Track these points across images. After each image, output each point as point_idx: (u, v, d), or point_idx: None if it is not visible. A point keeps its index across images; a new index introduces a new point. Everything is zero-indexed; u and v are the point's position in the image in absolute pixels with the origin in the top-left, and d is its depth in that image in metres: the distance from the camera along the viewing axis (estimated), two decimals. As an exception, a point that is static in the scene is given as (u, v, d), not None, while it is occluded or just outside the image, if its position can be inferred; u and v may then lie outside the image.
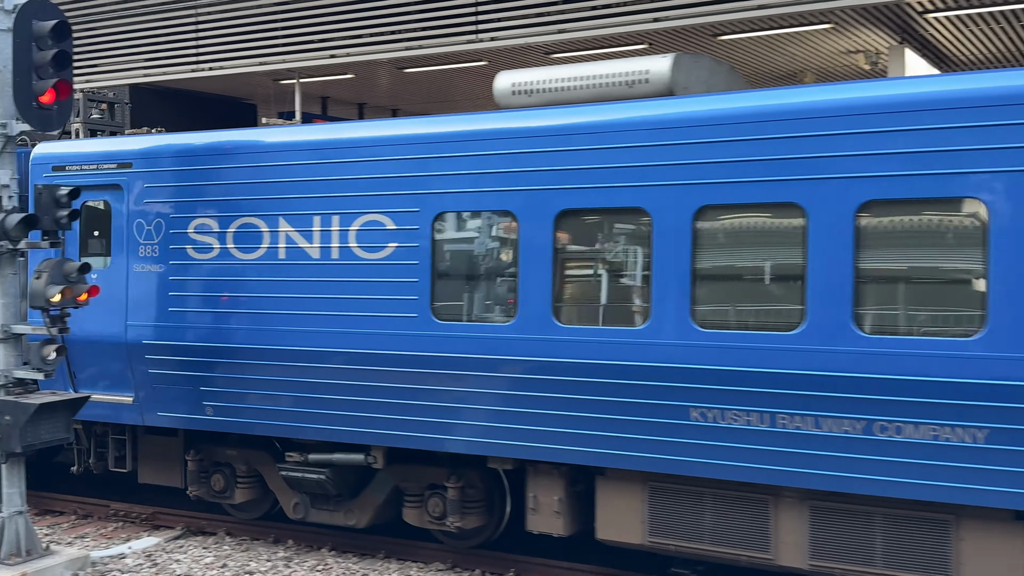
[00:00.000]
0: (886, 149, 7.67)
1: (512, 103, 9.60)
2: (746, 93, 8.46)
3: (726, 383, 8.04)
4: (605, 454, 8.56)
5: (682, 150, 8.36)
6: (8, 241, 9.66)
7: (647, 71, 9.00)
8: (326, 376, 9.76)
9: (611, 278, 8.77)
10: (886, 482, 7.56)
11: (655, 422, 8.33)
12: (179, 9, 18.29)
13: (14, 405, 9.54)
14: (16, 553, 9.76)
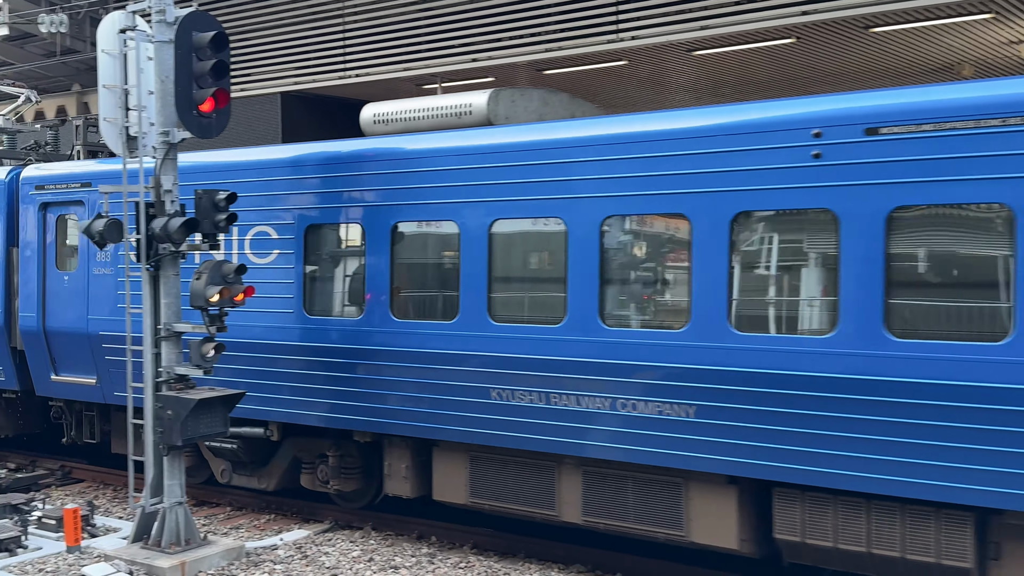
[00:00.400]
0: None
1: (374, 131, 11.22)
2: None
3: (512, 368, 9.58)
4: (436, 428, 10.20)
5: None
6: (171, 243, 10.13)
7: (470, 104, 10.59)
8: (233, 362, 11.48)
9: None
10: (634, 451, 9.02)
11: (467, 401, 9.94)
12: (327, 18, 18.85)
13: (175, 400, 10.00)
14: (176, 542, 10.22)
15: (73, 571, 9.99)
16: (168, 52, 10.06)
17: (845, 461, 7.91)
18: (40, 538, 11.10)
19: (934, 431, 7.57)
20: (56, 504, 12.55)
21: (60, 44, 24.35)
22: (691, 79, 18.81)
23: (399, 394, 10.40)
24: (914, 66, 17.22)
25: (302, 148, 11.46)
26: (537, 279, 9.83)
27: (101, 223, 10.40)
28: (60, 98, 28.27)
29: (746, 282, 8.43)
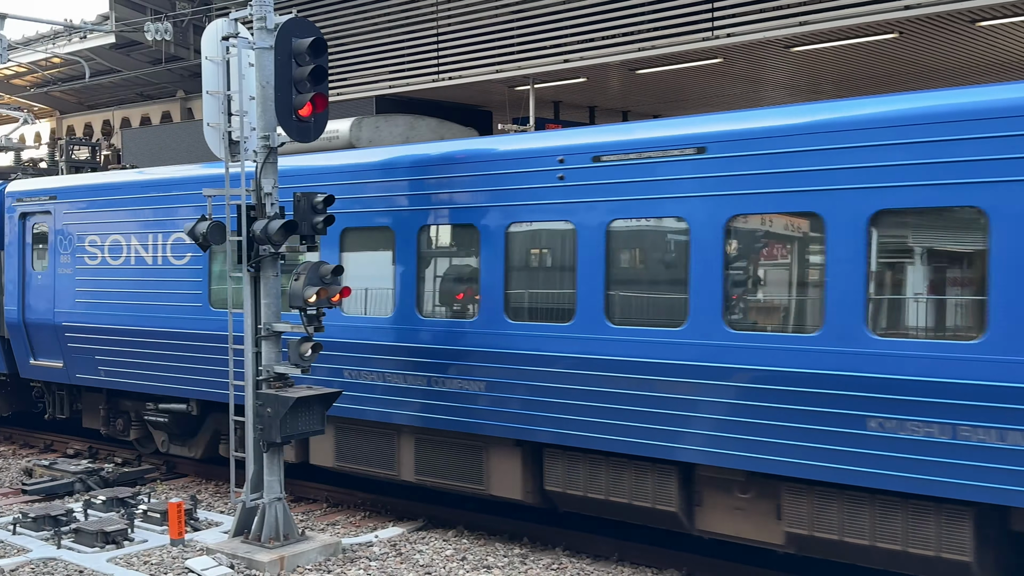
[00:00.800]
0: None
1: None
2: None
3: (359, 351, 11.39)
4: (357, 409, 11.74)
5: None
6: (270, 245, 10.36)
7: (336, 131, 12.25)
8: (165, 348, 13.42)
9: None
10: (447, 419, 10.80)
11: (325, 380, 11.61)
12: (421, 22, 19.06)
13: (275, 398, 10.23)
14: (275, 537, 10.45)
15: (177, 564, 10.30)
16: (268, 58, 10.30)
17: (588, 425, 9.75)
18: (145, 531, 11.47)
19: (651, 400, 9.33)
20: (161, 498, 12.96)
21: (165, 52, 25.16)
22: (788, 76, 18.47)
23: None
24: (1023, 61, 16.59)
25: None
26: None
27: (204, 225, 10.68)
28: (165, 104, 29.19)
29: (517, 279, 10.37)
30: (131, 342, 13.84)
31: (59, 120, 33.10)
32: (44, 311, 15.23)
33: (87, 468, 13.79)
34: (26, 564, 10.26)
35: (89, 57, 25.33)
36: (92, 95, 30.88)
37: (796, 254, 8.84)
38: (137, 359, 13.81)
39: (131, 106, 30.45)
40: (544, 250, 10.37)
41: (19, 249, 15.83)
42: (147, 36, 22.39)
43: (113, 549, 10.77)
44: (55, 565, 10.26)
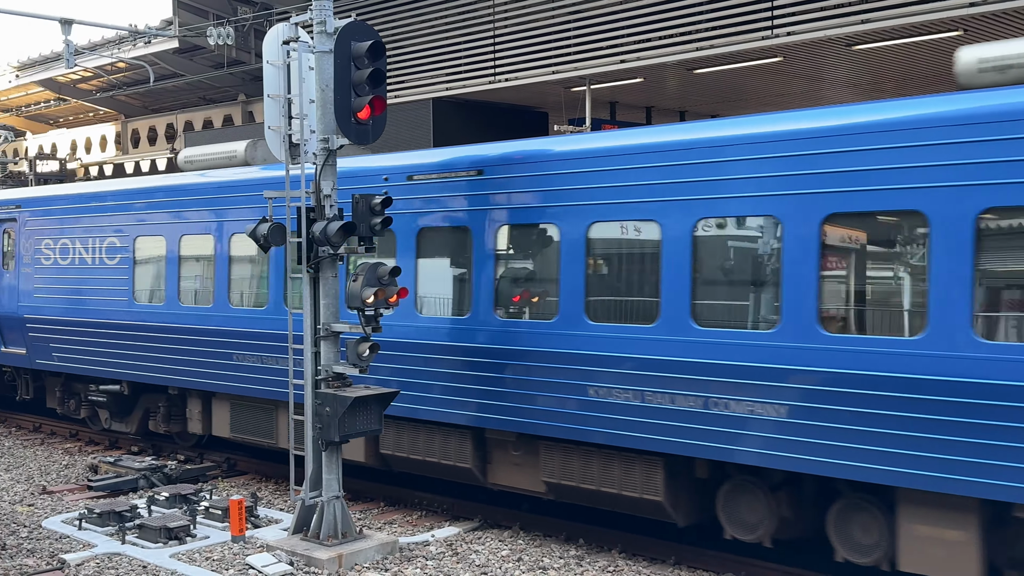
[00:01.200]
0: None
1: (186, 169, 15.27)
2: None
3: (194, 335, 14.17)
4: (205, 382, 14.10)
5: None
6: (329, 246, 10.48)
7: (234, 151, 14.51)
8: (101, 336, 15.78)
9: None
10: (256, 388, 13.36)
11: (213, 361, 13.83)
12: (478, 24, 19.14)
13: (333, 397, 10.35)
14: (333, 535, 10.57)
15: (237, 560, 10.47)
16: (328, 62, 10.42)
17: (412, 399, 11.59)
18: (207, 527, 11.68)
19: (446, 375, 11.34)
20: (222, 495, 13.18)
21: (227, 56, 25.57)
22: (850, 75, 18.20)
23: (194, 359, 14.30)
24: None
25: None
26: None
27: (265, 227, 10.85)
28: (226, 108, 29.65)
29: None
30: (76, 331, 16.26)
31: (124, 124, 33.80)
32: (11, 305, 17.73)
33: (151, 465, 14.07)
34: (91, 559, 10.51)
35: (153, 62, 25.84)
36: (156, 99, 31.48)
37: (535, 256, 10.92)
38: (81, 346, 16.17)
39: (194, 110, 30.99)
40: None
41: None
42: (209, 41, 22.76)
43: (176, 545, 10.98)
44: (119, 560, 10.49)
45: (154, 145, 32.37)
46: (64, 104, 33.70)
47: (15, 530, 11.59)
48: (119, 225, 15.61)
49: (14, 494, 13.45)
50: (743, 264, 9.30)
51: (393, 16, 20.71)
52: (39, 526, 11.79)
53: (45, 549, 10.84)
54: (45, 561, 10.42)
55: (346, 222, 10.41)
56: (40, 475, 14.70)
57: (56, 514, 12.40)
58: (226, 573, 10.06)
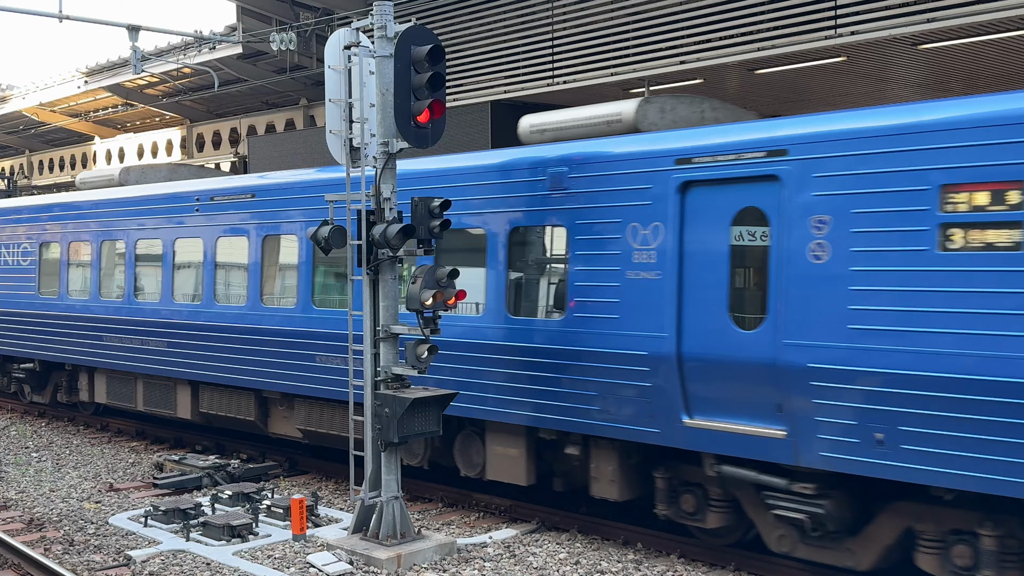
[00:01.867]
0: None
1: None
2: None
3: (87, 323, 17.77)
4: (96, 360, 17.68)
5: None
6: (389, 249, 10.57)
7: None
8: (19, 322, 19.54)
9: None
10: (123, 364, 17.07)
11: (104, 344, 17.29)
12: (536, 26, 19.15)
13: (392, 399, 10.43)
14: (392, 535, 10.65)
15: (299, 558, 10.60)
16: (388, 66, 10.51)
17: (219, 368, 15.10)
18: (269, 525, 11.85)
19: (234, 348, 14.89)
20: (283, 494, 13.36)
21: (289, 61, 25.92)
22: (916, 74, 17.86)
23: (84, 342, 18.12)
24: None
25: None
26: None
27: (326, 230, 10.97)
28: (288, 112, 30.06)
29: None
30: (4, 320, 20.02)
31: (189, 128, 34.45)
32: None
33: (214, 463, 14.31)
34: (157, 556, 10.72)
35: (217, 67, 26.29)
36: (220, 104, 32.03)
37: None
38: (8, 332, 19.93)
39: (257, 114, 31.47)
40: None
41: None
42: (272, 46, 23.11)
43: (238, 543, 11.16)
44: (183, 557, 10.69)
45: (218, 149, 32.95)
46: (131, 109, 34.43)
47: (83, 526, 11.87)
48: (31, 236, 19.58)
49: (82, 491, 13.79)
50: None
51: (452, 19, 20.82)
52: (106, 523, 12.07)
53: (112, 546, 11.09)
54: (112, 557, 10.65)
55: (406, 224, 10.49)
56: (107, 472, 15.04)
57: (123, 511, 12.67)
58: (287, 571, 10.20)
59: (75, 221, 18.22)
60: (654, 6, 17.28)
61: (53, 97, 34.91)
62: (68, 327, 18.11)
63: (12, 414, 20.66)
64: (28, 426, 19.12)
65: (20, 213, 20.13)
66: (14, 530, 11.64)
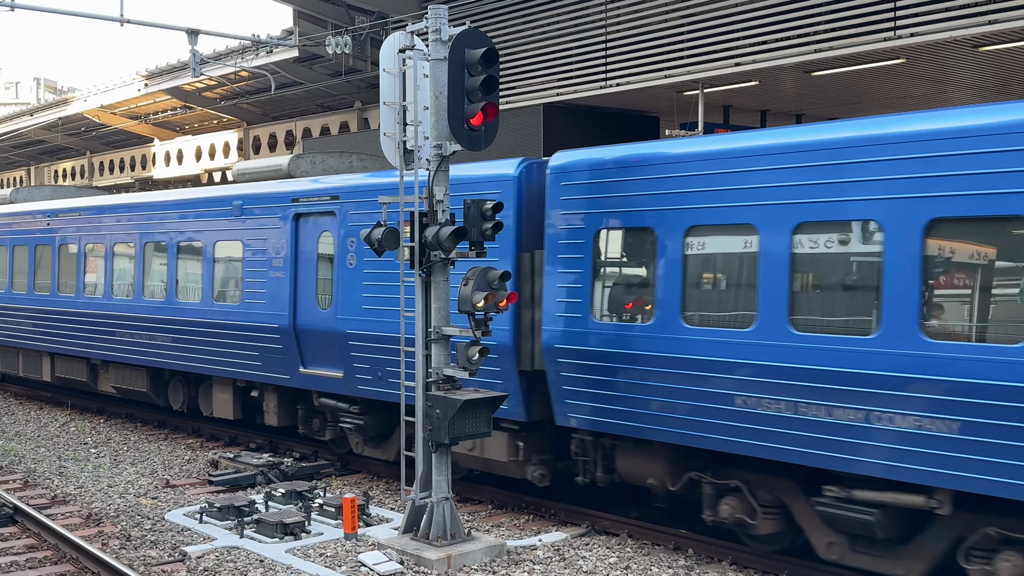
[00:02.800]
0: None
1: None
2: None
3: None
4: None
5: None
6: (441, 251, 10.62)
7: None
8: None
9: None
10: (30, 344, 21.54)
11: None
12: (589, 29, 19.12)
13: (444, 400, 10.48)
14: (442, 535, 10.69)
15: (350, 557, 10.69)
16: (442, 69, 10.57)
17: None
18: (321, 524, 11.96)
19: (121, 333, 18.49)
20: (335, 493, 13.48)
21: (344, 64, 26.17)
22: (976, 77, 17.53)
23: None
24: None
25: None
26: None
27: (380, 232, 11.05)
28: (343, 115, 30.34)
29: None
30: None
31: (246, 131, 34.92)
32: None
33: (268, 462, 14.49)
34: (211, 552, 10.88)
35: (274, 70, 26.63)
36: (276, 107, 32.42)
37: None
38: None
39: (312, 117, 31.80)
40: None
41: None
42: (328, 50, 23.35)
43: (291, 540, 11.28)
44: (237, 554, 10.84)
45: (274, 151, 33.36)
46: (189, 112, 35.01)
47: (139, 522, 12.09)
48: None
49: (139, 487, 14.04)
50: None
51: (506, 22, 20.87)
52: (162, 518, 12.28)
53: (168, 541, 11.28)
54: (168, 553, 10.84)
55: (458, 227, 10.53)
56: (164, 469, 15.31)
57: (178, 507, 12.89)
58: (339, 570, 10.29)
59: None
60: (709, 7, 17.16)
61: (114, 100, 35.61)
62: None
63: (72, 410, 21.12)
64: (87, 422, 19.53)
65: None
66: (73, 524, 11.89)
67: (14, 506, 12.15)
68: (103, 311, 18.71)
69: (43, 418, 20.03)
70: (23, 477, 14.53)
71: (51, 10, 19.79)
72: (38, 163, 47.79)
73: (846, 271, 9.08)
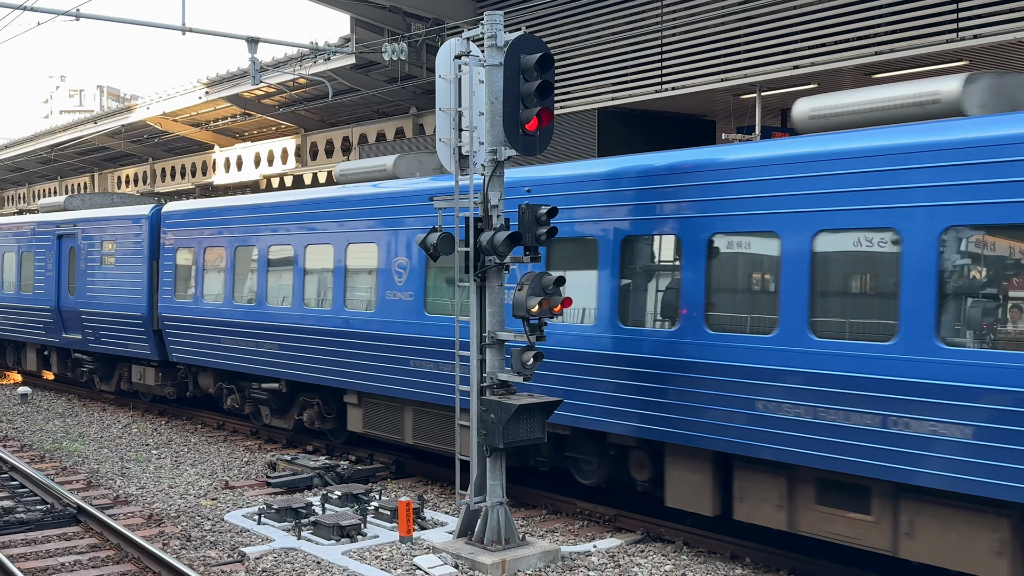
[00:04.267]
0: None
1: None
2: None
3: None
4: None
5: None
6: (496, 256, 10.64)
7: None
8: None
9: None
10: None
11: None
12: (645, 32, 19.03)
13: (498, 405, 10.49)
14: (497, 540, 10.70)
15: (405, 560, 10.75)
16: (498, 75, 10.61)
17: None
18: (376, 526, 12.05)
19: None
20: (391, 496, 13.57)
21: (400, 71, 26.38)
22: (1042, 78, 17.07)
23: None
24: None
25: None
26: None
27: (435, 236, 11.11)
28: (398, 120, 30.57)
29: None
30: None
31: (303, 137, 35.36)
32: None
33: (325, 464, 14.63)
34: (269, 553, 11.01)
35: (331, 77, 26.92)
36: (333, 113, 32.77)
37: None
38: None
39: (368, 123, 32.09)
40: None
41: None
42: (384, 56, 23.53)
43: (347, 543, 11.37)
44: (295, 555, 10.95)
45: (331, 157, 33.72)
46: (249, 119, 35.54)
47: (199, 522, 12.28)
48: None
49: (199, 488, 14.26)
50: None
51: (560, 26, 20.87)
52: (222, 519, 12.46)
53: (227, 542, 11.44)
54: (227, 553, 10.99)
55: (513, 232, 10.55)
56: (223, 470, 15.53)
57: (237, 508, 13.07)
58: (394, 572, 10.35)
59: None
60: (767, 9, 16.99)
61: (175, 107, 36.29)
62: None
63: (134, 412, 21.55)
64: (149, 424, 19.90)
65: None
66: (134, 524, 12.12)
67: (78, 506, 12.42)
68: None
69: (106, 420, 20.45)
70: (86, 477, 14.85)
71: (115, 19, 20.23)
72: (101, 169, 48.85)
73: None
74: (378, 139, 31.05)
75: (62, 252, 22.96)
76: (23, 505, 12.91)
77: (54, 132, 47.79)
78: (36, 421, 20.24)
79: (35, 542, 11.47)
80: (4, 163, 54.25)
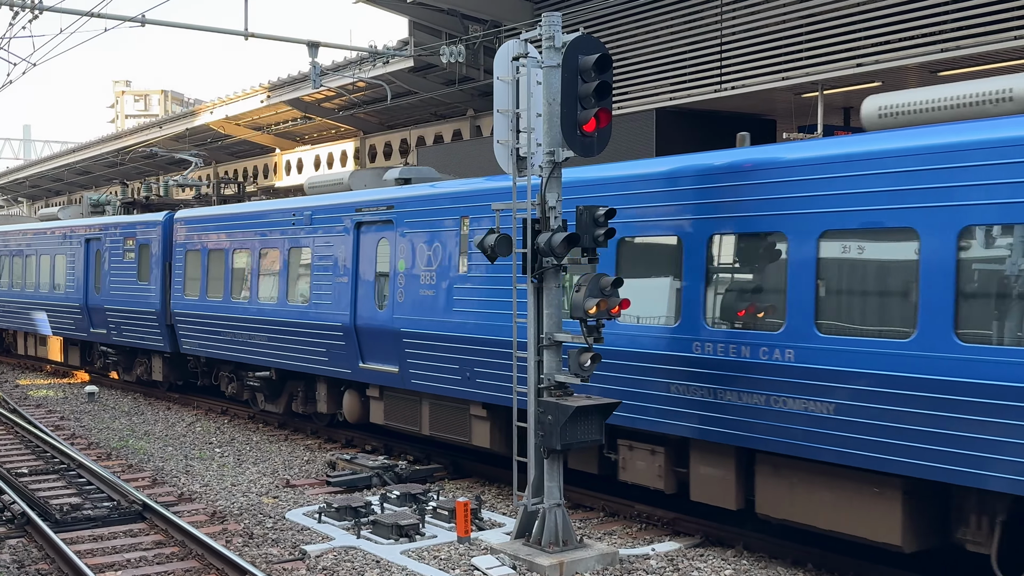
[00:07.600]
0: None
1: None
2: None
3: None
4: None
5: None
6: (553, 257, 10.63)
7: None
8: None
9: None
10: None
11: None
12: (704, 31, 18.87)
13: (555, 406, 10.48)
14: (554, 542, 10.68)
15: (463, 560, 10.78)
16: (555, 76, 10.59)
17: None
18: (434, 526, 12.10)
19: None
20: (448, 496, 13.62)
21: (457, 73, 26.50)
22: (1117, 73, 16.58)
23: None
24: None
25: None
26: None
27: (492, 238, 11.13)
28: (456, 123, 30.73)
29: None
30: None
31: (362, 140, 35.69)
32: None
33: (383, 464, 14.74)
34: (330, 551, 11.13)
35: (390, 80, 27.14)
36: (391, 116, 33.04)
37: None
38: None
39: (426, 125, 32.30)
40: None
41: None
42: (442, 59, 23.66)
43: (406, 542, 11.45)
44: (355, 554, 11.05)
45: (389, 159, 33.99)
46: (309, 122, 35.97)
47: (261, 520, 12.45)
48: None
49: (261, 486, 14.47)
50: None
51: (618, 27, 20.79)
52: (283, 517, 12.62)
53: (288, 540, 11.58)
54: (288, 551, 11.13)
55: (570, 233, 10.53)
56: (284, 469, 15.73)
57: (298, 507, 13.23)
58: (452, 572, 10.39)
59: None
60: (830, 6, 16.75)
61: (238, 111, 36.88)
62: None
63: (197, 411, 21.93)
64: (212, 423, 20.24)
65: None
66: (198, 522, 12.33)
67: (143, 503, 12.68)
68: None
69: (171, 418, 20.85)
70: (152, 475, 15.15)
71: (179, 24, 20.62)
72: (166, 172, 49.84)
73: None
74: (435, 141, 31.22)
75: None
76: (90, 502, 13.21)
77: (120, 136, 48.86)
78: (103, 419, 20.71)
79: (102, 538, 11.73)
80: (73, 166, 55.63)
